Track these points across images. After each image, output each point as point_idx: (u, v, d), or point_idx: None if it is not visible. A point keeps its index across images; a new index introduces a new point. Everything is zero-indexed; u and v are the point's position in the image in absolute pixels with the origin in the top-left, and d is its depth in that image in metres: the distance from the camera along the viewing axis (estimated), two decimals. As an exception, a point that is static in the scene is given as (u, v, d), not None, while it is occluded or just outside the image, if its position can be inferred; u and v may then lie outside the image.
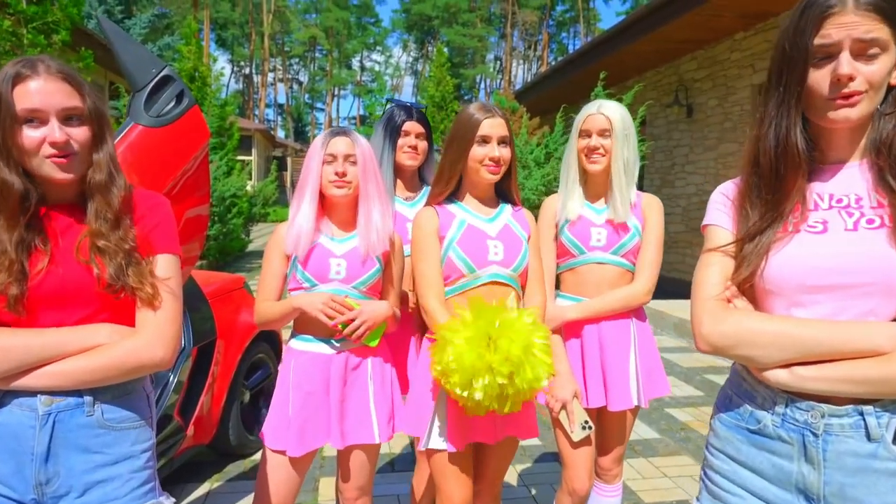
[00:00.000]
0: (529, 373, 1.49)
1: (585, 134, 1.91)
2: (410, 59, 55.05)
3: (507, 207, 1.82)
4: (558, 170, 7.14)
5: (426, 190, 2.27)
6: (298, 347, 1.77)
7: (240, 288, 3.37)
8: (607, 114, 1.89)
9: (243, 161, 15.74)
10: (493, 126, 1.70)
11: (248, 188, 13.95)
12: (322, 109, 54.76)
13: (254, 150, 28.78)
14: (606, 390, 1.91)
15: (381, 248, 1.78)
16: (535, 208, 5.85)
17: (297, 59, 53.77)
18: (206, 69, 10.95)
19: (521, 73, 47.68)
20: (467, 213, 1.76)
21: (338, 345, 1.75)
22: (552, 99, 11.12)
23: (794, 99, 1.02)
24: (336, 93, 55.25)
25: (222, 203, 10.12)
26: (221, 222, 10.20)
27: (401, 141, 2.20)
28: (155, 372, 1.43)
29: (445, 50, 22.86)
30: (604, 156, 1.89)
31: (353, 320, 1.69)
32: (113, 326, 1.18)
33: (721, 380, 4.88)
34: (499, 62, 50.06)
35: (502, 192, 1.83)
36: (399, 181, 2.25)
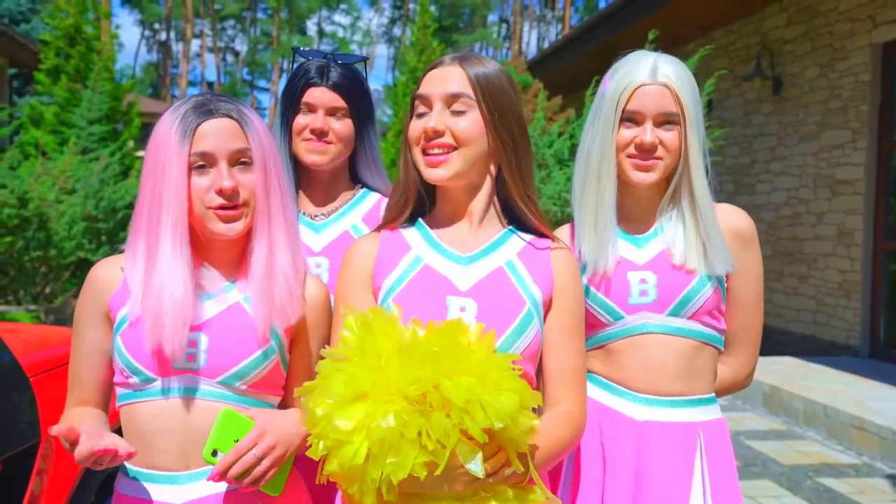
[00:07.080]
0: (484, 407, 1.21)
1: (632, 119, 1.69)
2: (385, 22, 55.74)
3: (512, 240, 1.58)
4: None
5: (360, 198, 2.05)
6: (132, 492, 1.51)
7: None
8: (670, 83, 1.66)
9: (147, 158, 16.29)
10: (435, 78, 1.50)
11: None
12: (266, 89, 55.29)
13: (169, 144, 28.91)
14: None
15: (292, 314, 1.55)
16: (553, 225, 5.50)
17: (231, 21, 54.19)
18: (94, 27, 10.94)
19: (534, 40, 48.23)
20: (429, 244, 1.57)
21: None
22: (578, 71, 11.21)
23: None
24: (286, 67, 55.68)
25: (112, 217, 9.96)
26: (111, 243, 10.07)
27: (299, 121, 1.91)
28: None
29: (432, 8, 22.97)
30: (661, 159, 1.69)
31: (246, 453, 1.39)
32: None
33: (842, 485, 4.51)
34: (505, 25, 50.62)
35: (513, 210, 1.59)
36: (303, 190, 2.00)
